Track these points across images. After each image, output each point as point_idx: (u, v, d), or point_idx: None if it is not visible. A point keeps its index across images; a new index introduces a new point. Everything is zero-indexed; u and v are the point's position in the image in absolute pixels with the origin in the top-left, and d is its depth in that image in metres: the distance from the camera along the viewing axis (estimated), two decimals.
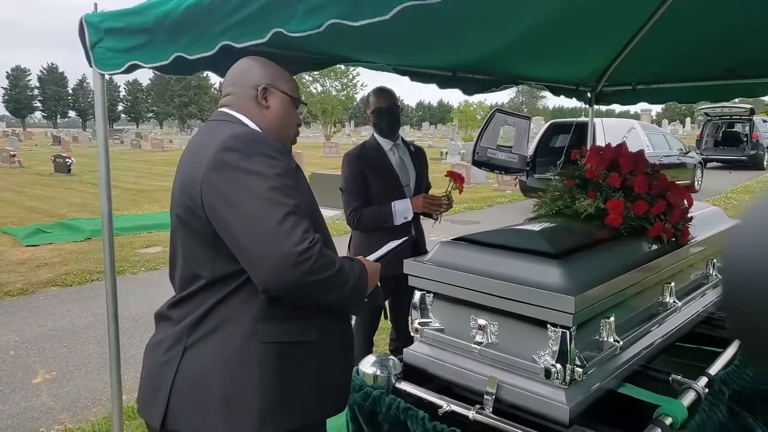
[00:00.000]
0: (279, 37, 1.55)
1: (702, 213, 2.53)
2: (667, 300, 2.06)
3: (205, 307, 1.42)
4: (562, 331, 1.52)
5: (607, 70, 3.73)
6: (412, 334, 1.93)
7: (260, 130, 1.51)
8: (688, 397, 1.70)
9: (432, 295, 1.88)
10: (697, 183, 13.17)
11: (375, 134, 2.96)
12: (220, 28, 1.68)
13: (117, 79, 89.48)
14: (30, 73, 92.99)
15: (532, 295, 1.57)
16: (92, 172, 17.30)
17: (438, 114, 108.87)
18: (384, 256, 1.80)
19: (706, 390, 1.75)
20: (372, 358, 1.96)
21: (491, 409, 1.64)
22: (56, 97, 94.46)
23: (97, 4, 2.21)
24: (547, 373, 1.54)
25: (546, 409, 1.56)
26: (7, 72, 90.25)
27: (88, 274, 6.34)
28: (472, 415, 1.66)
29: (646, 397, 1.68)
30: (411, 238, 2.36)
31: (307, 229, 1.32)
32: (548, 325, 1.55)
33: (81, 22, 2.14)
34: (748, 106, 18.99)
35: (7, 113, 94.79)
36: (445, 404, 1.73)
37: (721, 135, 19.77)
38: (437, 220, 3.03)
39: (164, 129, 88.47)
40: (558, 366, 1.52)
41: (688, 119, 52.92)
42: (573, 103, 4.27)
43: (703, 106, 19.43)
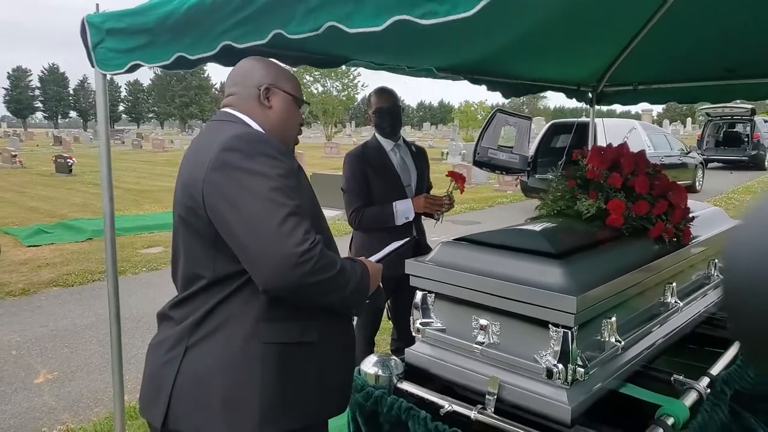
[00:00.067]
0: (279, 39, 1.56)
1: (703, 213, 2.53)
2: (669, 300, 2.06)
3: (207, 307, 1.42)
4: (563, 331, 1.52)
5: (608, 71, 3.73)
6: (414, 334, 1.93)
7: (263, 130, 1.51)
8: (690, 398, 1.70)
9: (434, 295, 1.88)
10: (698, 183, 13.15)
11: (376, 134, 2.97)
12: (221, 29, 1.69)
13: (118, 80, 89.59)
14: (31, 74, 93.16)
15: (533, 295, 1.57)
16: (93, 172, 17.31)
17: (439, 114, 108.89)
18: (386, 256, 1.80)
19: (708, 390, 1.75)
20: (374, 358, 1.96)
21: (493, 409, 1.64)
22: (57, 98, 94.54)
23: (98, 5, 2.22)
24: (549, 373, 1.54)
25: (548, 409, 1.56)
26: (8, 72, 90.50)
27: (89, 275, 6.34)
28: (473, 415, 1.66)
29: (648, 398, 1.68)
30: (413, 239, 2.36)
31: (308, 229, 1.32)
32: (550, 325, 1.55)
33: (83, 22, 2.15)
34: (750, 107, 18.96)
35: (9, 114, 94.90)
36: (447, 404, 1.73)
37: (722, 135, 19.76)
38: (439, 220, 3.02)
39: (165, 129, 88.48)
40: (560, 366, 1.52)
41: (689, 119, 52.89)
42: (574, 104, 4.26)
43: (704, 107, 19.40)
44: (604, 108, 4.48)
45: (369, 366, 1.92)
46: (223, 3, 1.65)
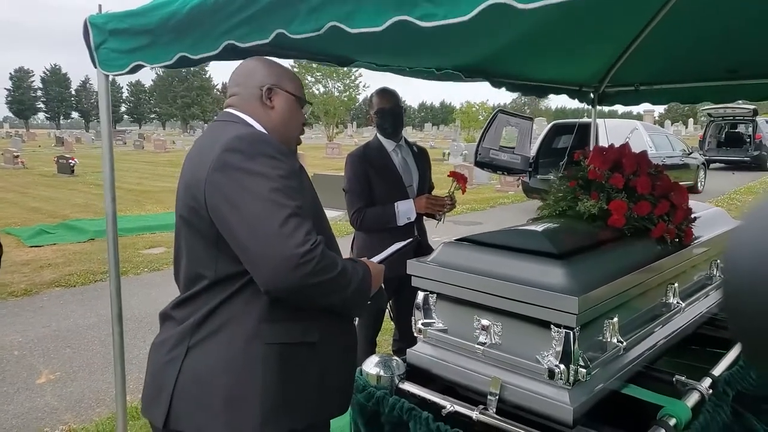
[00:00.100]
0: (282, 39, 1.56)
1: (705, 214, 2.53)
2: (671, 301, 2.06)
3: (208, 308, 1.42)
4: (565, 332, 1.52)
5: (610, 71, 3.72)
6: (416, 334, 1.93)
7: (265, 131, 1.51)
8: (692, 398, 1.70)
9: (435, 296, 1.88)
10: (700, 184, 13.14)
11: (378, 135, 2.97)
12: (224, 28, 1.69)
13: (120, 80, 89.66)
14: (33, 75, 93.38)
15: (535, 296, 1.57)
16: (95, 173, 17.36)
17: (440, 115, 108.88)
18: (388, 257, 1.80)
19: (710, 391, 1.74)
20: (375, 358, 1.96)
21: (495, 410, 1.64)
22: (59, 98, 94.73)
23: (101, 6, 2.22)
24: (551, 374, 1.54)
25: (550, 409, 1.55)
26: (10, 73, 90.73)
27: (91, 275, 6.35)
28: (475, 415, 1.66)
29: (650, 398, 1.68)
30: (415, 240, 2.36)
31: (309, 230, 1.32)
32: (552, 326, 1.54)
33: (85, 23, 2.15)
34: (752, 107, 18.93)
35: (11, 114, 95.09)
36: (449, 405, 1.73)
37: (724, 136, 19.73)
38: (440, 220, 3.02)
39: (167, 130, 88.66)
40: (561, 366, 1.52)
41: (691, 120, 52.83)
42: (575, 104, 4.26)
43: (706, 107, 19.38)
44: (606, 108, 4.48)
45: (371, 366, 1.92)
46: (225, 3, 1.65)
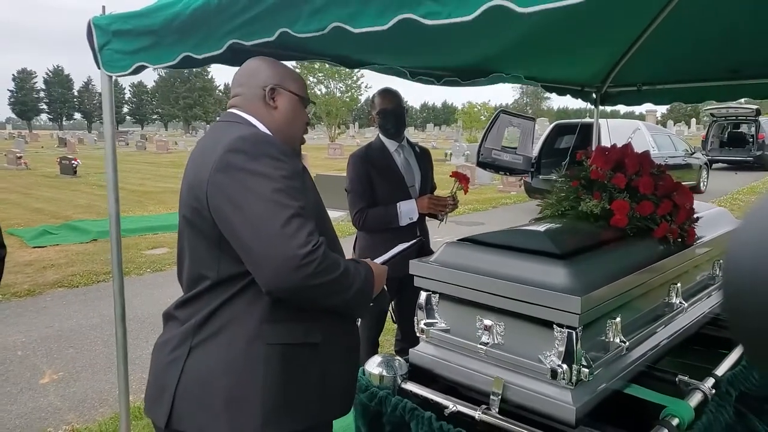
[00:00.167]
0: (286, 38, 1.56)
1: (708, 214, 2.53)
2: (674, 301, 2.06)
3: (211, 308, 1.42)
4: (568, 332, 1.52)
5: (613, 71, 3.72)
6: (418, 334, 1.94)
7: (268, 131, 1.52)
8: (695, 398, 1.70)
9: (438, 296, 1.88)
10: (702, 184, 13.12)
11: (380, 135, 2.97)
12: (228, 28, 1.70)
13: (122, 81, 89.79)
14: (36, 76, 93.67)
15: (538, 296, 1.57)
16: (98, 174, 17.39)
17: (442, 115, 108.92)
18: (392, 258, 1.80)
19: (713, 391, 1.74)
20: (378, 358, 1.96)
21: (497, 410, 1.64)
22: (62, 100, 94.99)
23: (104, 7, 2.23)
24: (554, 374, 1.54)
25: (552, 409, 1.56)
26: (13, 74, 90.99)
27: (94, 276, 6.36)
28: (478, 415, 1.66)
29: (653, 398, 1.68)
30: (419, 241, 2.36)
31: (312, 231, 1.32)
32: (554, 326, 1.55)
33: (89, 24, 2.16)
34: (754, 107, 18.90)
35: (14, 115, 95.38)
36: (451, 404, 1.73)
37: (726, 136, 19.69)
38: (443, 220, 3.03)
39: (169, 131, 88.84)
40: (564, 366, 1.52)
41: (694, 120, 52.74)
42: (578, 104, 4.29)
43: (709, 107, 19.35)
44: (608, 108, 4.47)
45: (373, 366, 1.92)
46: (228, 4, 1.66)
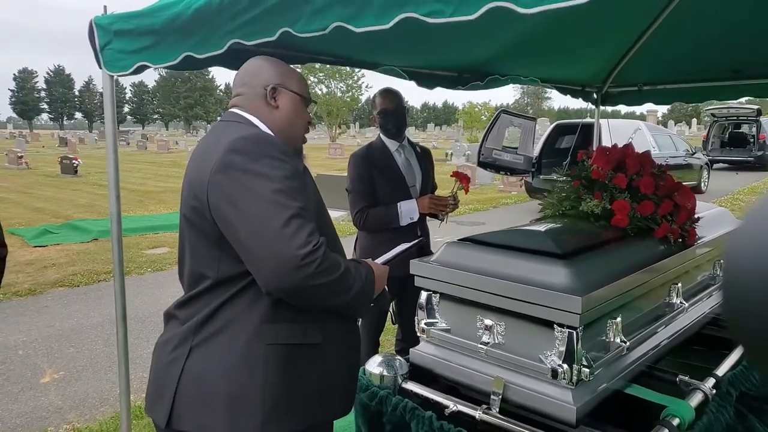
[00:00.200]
0: (287, 37, 1.56)
1: (709, 214, 2.53)
2: (674, 301, 2.06)
3: (211, 308, 1.42)
4: (568, 332, 1.52)
5: (613, 71, 3.72)
6: (419, 334, 1.94)
7: (269, 131, 1.51)
8: (696, 398, 1.70)
9: (438, 296, 1.88)
10: (703, 184, 13.11)
11: (381, 135, 2.97)
12: (229, 27, 1.70)
13: (123, 81, 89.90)
14: (37, 75, 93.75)
15: (538, 296, 1.57)
16: (98, 173, 17.40)
17: (443, 115, 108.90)
18: (394, 258, 1.80)
19: (714, 391, 1.74)
20: (379, 358, 1.96)
21: (498, 410, 1.64)
22: (63, 99, 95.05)
23: (106, 7, 2.24)
24: (554, 374, 1.54)
25: (553, 409, 1.56)
26: (14, 74, 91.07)
27: (95, 275, 6.37)
28: (478, 415, 1.67)
29: (653, 398, 1.68)
30: (421, 242, 2.36)
31: (311, 231, 1.31)
32: (555, 326, 1.55)
33: (91, 24, 2.16)
34: (755, 107, 18.89)
35: (14, 115, 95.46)
36: (452, 404, 1.73)
37: (727, 136, 19.68)
38: (443, 220, 3.03)
39: (170, 130, 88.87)
40: (565, 366, 1.52)
41: (695, 120, 52.70)
42: (578, 104, 4.28)
43: (710, 107, 19.34)
44: (609, 109, 4.47)
45: (374, 366, 1.93)
46: (230, 4, 1.66)
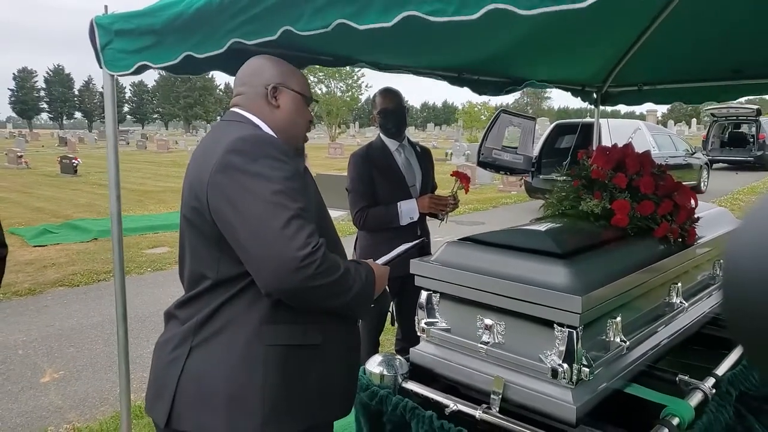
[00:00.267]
0: (289, 36, 1.56)
1: (709, 213, 2.53)
2: (674, 300, 2.06)
3: (211, 308, 1.42)
4: (568, 331, 1.52)
5: (613, 71, 3.72)
6: (419, 334, 1.94)
7: (270, 130, 1.51)
8: (696, 398, 1.70)
9: (438, 295, 1.88)
10: (703, 184, 13.11)
11: (381, 135, 2.97)
12: (229, 27, 1.70)
13: (123, 81, 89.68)
14: (36, 75, 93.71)
15: (538, 295, 1.57)
16: (98, 173, 17.40)
17: (443, 115, 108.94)
18: (394, 258, 1.80)
19: (714, 391, 1.74)
20: (379, 357, 1.97)
21: (498, 409, 1.65)
22: (62, 99, 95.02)
23: (107, 7, 2.24)
24: (554, 373, 1.54)
25: (553, 408, 1.56)
26: (13, 74, 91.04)
27: (95, 275, 6.37)
28: (478, 414, 1.67)
29: (653, 398, 1.68)
30: (421, 242, 2.36)
31: (311, 232, 1.31)
32: (555, 325, 1.55)
33: (92, 24, 2.16)
34: (755, 107, 18.89)
35: (14, 114, 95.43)
36: (452, 404, 1.73)
37: (727, 136, 19.69)
38: (443, 220, 3.03)
39: (169, 130, 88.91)
40: (565, 366, 1.53)
41: (694, 120, 52.73)
42: (578, 104, 4.27)
43: (710, 107, 19.34)
44: (609, 108, 4.47)
45: (374, 365, 1.93)
46: (230, 3, 1.66)
